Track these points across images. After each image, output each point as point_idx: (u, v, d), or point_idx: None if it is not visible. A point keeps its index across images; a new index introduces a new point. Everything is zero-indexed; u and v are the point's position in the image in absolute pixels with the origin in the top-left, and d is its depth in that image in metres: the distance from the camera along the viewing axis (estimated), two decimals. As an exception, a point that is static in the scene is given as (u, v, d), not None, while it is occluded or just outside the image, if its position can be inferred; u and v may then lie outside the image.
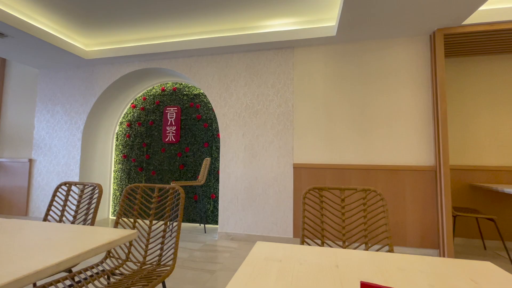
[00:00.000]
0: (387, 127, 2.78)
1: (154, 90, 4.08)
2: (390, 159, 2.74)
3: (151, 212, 1.47)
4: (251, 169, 3.06)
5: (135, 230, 0.98)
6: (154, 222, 3.92)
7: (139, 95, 4.15)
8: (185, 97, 3.92)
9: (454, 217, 2.65)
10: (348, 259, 0.70)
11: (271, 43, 2.98)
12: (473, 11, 2.28)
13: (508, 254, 2.43)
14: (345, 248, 1.22)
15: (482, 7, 2.49)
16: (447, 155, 2.50)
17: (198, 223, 3.72)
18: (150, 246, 2.70)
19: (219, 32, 3.12)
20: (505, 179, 2.92)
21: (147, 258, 2.30)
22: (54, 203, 3.97)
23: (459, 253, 2.67)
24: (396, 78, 2.80)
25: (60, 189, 4.04)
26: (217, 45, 3.07)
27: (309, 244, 1.19)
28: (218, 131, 3.75)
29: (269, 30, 2.97)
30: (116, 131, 4.21)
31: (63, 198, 3.87)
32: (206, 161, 3.42)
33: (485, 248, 2.83)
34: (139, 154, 4.02)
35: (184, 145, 3.86)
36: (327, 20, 2.82)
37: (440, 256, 2.52)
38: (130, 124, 4.13)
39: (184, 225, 3.68)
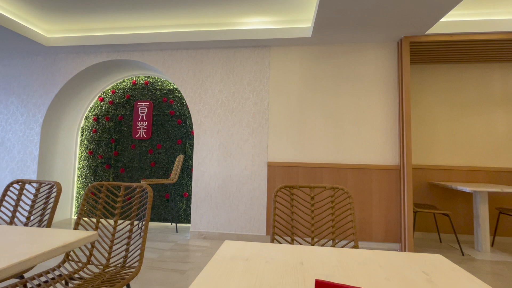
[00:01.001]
0: (357, 127, 2.90)
1: (124, 83, 3.87)
2: (359, 158, 2.86)
3: (116, 212, 1.40)
4: (226, 167, 3.03)
5: (95, 232, 0.92)
6: (120, 222, 3.74)
7: (107, 88, 3.91)
8: (157, 92, 3.77)
9: (415, 213, 2.85)
10: (313, 256, 0.72)
11: (248, 41, 2.97)
12: (436, 21, 2.45)
13: (460, 246, 2.67)
14: (313, 244, 1.25)
15: (444, 19, 2.69)
16: (410, 156, 2.67)
17: (169, 222, 3.61)
18: (114, 247, 2.57)
19: (194, 26, 3.04)
20: (459, 178, 3.20)
21: (111, 260, 2.18)
22: (4, 203, 3.62)
23: (418, 246, 2.87)
24: (366, 81, 2.93)
25: (11, 188, 3.69)
26: (193, 39, 2.99)
27: (279, 242, 1.20)
28: (192, 128, 3.67)
29: (246, 27, 2.96)
30: (81, 126, 3.94)
31: (15, 198, 3.54)
32: (179, 159, 3.32)
33: (440, 241, 3.08)
34: (106, 151, 3.80)
35: (156, 141, 3.72)
36: (303, 21, 2.87)
37: (402, 249, 2.69)
38: (97, 119, 3.88)
39: (155, 224, 3.55)
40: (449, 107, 3.31)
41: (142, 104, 3.76)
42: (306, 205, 2.80)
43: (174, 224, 3.55)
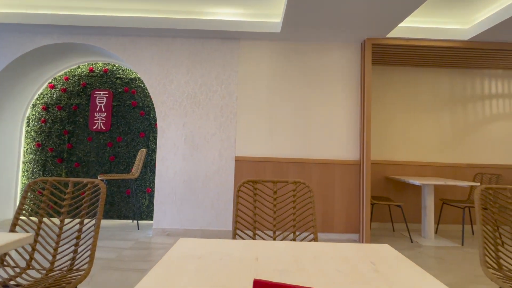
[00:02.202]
0: (322, 124, 3.00)
1: (80, 69, 3.53)
2: (323, 154, 2.97)
3: (63, 211, 1.27)
4: (192, 162, 2.94)
5: (31, 233, 0.82)
6: (67, 221, 3.45)
7: (59, 73, 3.54)
8: (118, 81, 3.50)
9: (372, 205, 3.06)
10: (269, 251, 0.71)
11: (217, 32, 2.88)
12: (395, 25, 2.60)
13: (409, 234, 2.93)
14: (275, 238, 1.27)
15: (403, 24, 2.87)
16: (369, 152, 2.84)
17: (131, 219, 3.42)
18: (60, 249, 2.35)
19: (160, 12, 2.86)
20: (411, 172, 3.49)
21: (57, 264, 2.00)
22: None
23: (375, 236, 3.09)
24: (332, 79, 3.03)
25: None
26: (158, 26, 2.81)
27: (241, 237, 1.19)
28: (156, 120, 3.48)
29: (215, 18, 2.86)
30: (27, 115, 3.52)
31: None
32: (142, 153, 3.14)
33: (393, 230, 3.35)
34: (58, 143, 3.46)
35: (116, 134, 3.47)
36: (273, 16, 2.86)
37: (360, 239, 2.87)
38: (46, 107, 3.50)
39: (115, 222, 3.34)
40: (405, 107, 3.57)
41: (100, 94, 3.47)
42: (269, 200, 2.85)
43: (135, 221, 3.37)
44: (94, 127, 3.45)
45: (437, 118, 3.57)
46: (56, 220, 3.34)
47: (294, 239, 1.29)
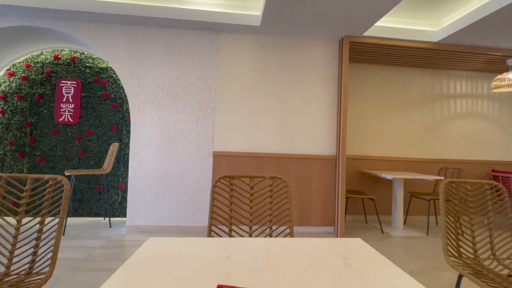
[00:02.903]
0: (300, 119, 3.03)
1: (43, 56, 3.26)
2: (301, 149, 3.01)
3: (20, 210, 1.16)
4: (168, 157, 2.84)
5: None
6: (26, 221, 3.22)
7: (19, 60, 3.24)
8: (87, 70, 3.28)
9: (347, 198, 3.16)
10: (242, 248, 0.70)
11: (195, 22, 2.78)
12: (371, 24, 2.67)
13: (381, 225, 3.07)
14: (251, 233, 1.26)
15: (379, 23, 2.95)
16: (345, 147, 2.92)
17: (102, 217, 3.26)
18: (18, 251, 2.17)
19: (133, -2, 2.69)
20: (383, 167, 3.66)
21: (13, 267, 1.85)
22: None
23: (349, 228, 3.21)
24: (311, 75, 3.06)
25: None
26: (131, 13, 2.65)
27: (218, 234, 1.17)
28: (129, 113, 3.32)
29: (194, 7, 2.75)
30: (-19, 105, 3.19)
31: None
32: (114, 147, 2.99)
33: (366, 222, 3.50)
34: (19, 136, 3.18)
35: (86, 127, 3.26)
36: (253, 8, 2.81)
37: (335, 231, 2.97)
38: (4, 97, 3.19)
39: (85, 220, 3.16)
40: (379, 104, 3.71)
41: (67, 83, 3.23)
42: (246, 195, 2.84)
43: (107, 219, 3.22)
44: (60, 119, 3.21)
45: (407, 115, 3.75)
46: (12, 220, 3.10)
47: (270, 234, 1.29)
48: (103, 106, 3.28)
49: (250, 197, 1.24)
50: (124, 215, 3.28)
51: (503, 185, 3.08)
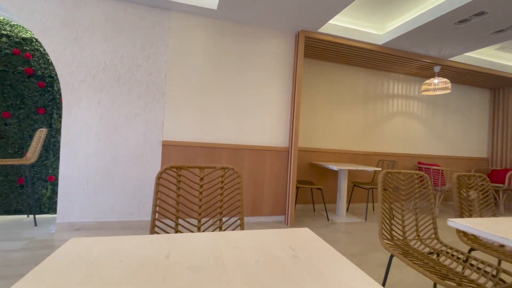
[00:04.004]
0: (255, 110, 3.01)
1: None
2: (255, 140, 3.01)
3: None
4: (109, 145, 2.55)
5: None
6: None
7: None
8: (4, 39, 2.71)
9: (297, 188, 3.30)
10: (183, 245, 0.64)
11: (142, -4, 2.49)
12: (326, 21, 2.75)
13: (327, 213, 3.30)
14: (200, 227, 1.19)
15: (333, 21, 3.07)
16: (297, 139, 3.02)
17: (25, 214, 2.80)
18: None
19: (65, -43, 2.28)
20: (331, 159, 3.90)
21: None
22: None
23: (298, 217, 3.36)
24: (266, 66, 3.05)
25: None
26: (61, -25, 2.24)
27: (164, 230, 1.07)
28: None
29: (141, -21, 2.46)
30: None
31: None
32: (41, 133, 2.55)
33: (314, 210, 3.72)
34: None
35: (2, 108, 2.71)
36: (209, -11, 2.64)
37: (285, 220, 3.07)
38: None
39: (2, 218, 2.67)
40: (328, 99, 3.92)
41: (-26, 53, 2.62)
42: (195, 187, 2.74)
43: (31, 216, 2.77)
44: (-35, 97, 2.60)
45: (353, 111, 4.05)
46: None
47: (220, 227, 1.24)
48: (27, 84, 2.76)
49: (199, 188, 1.17)
50: (55, 211, 2.87)
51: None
